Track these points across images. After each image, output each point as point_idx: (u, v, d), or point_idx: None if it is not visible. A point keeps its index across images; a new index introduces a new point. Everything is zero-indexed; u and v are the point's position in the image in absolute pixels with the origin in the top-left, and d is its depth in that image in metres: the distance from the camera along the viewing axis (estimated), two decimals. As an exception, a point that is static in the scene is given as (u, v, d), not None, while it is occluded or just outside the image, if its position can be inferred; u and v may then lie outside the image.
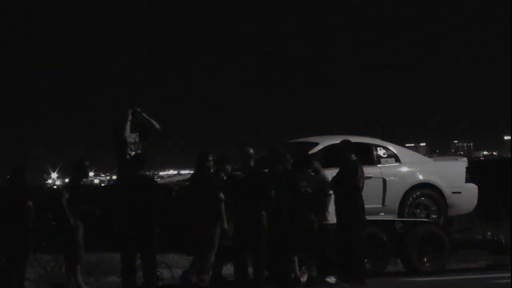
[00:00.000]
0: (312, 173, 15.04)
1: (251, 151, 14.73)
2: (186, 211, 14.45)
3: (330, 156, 16.05)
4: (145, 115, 15.34)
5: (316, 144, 16.99)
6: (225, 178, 14.62)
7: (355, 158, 15.03)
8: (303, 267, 15.03)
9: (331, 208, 14.96)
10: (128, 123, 15.12)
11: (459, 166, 17.86)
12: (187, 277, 14.45)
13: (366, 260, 15.38)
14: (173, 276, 16.06)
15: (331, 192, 14.98)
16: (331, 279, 14.88)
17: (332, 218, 14.95)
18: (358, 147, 16.00)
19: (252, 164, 14.60)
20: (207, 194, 14.28)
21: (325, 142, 17.02)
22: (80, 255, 14.16)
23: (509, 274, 15.48)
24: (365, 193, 15.12)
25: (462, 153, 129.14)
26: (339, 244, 14.91)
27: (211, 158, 14.57)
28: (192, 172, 15.32)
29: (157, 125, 15.41)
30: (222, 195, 14.27)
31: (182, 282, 14.49)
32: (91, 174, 14.71)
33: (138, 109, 15.29)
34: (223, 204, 14.27)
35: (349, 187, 14.74)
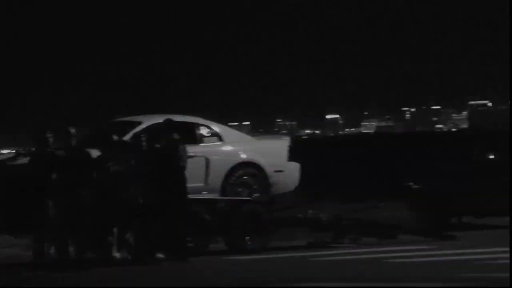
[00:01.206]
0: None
1: (73, 130, 14.63)
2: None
3: (154, 135, 15.93)
4: None
5: (140, 123, 16.78)
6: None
7: (177, 137, 15.02)
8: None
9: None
10: None
11: (282, 145, 18.05)
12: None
13: (189, 238, 15.41)
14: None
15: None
16: (160, 255, 14.94)
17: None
18: (181, 127, 15.96)
19: (74, 143, 14.52)
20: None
21: (148, 121, 16.84)
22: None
23: (329, 252, 15.88)
24: (188, 172, 15.19)
25: (285, 131, 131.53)
26: (162, 222, 14.97)
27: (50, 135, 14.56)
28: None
29: None
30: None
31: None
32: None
33: None
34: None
35: (171, 166, 14.75)
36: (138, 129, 16.49)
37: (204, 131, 17.09)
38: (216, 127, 17.43)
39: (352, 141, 41.51)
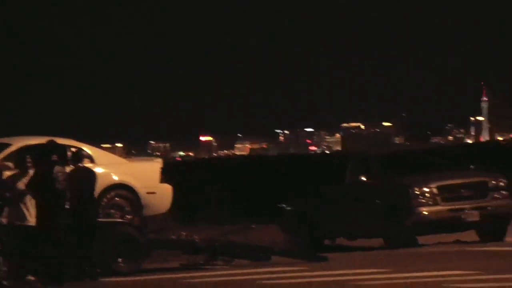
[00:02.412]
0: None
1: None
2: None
3: (25, 157, 15.63)
4: None
5: (9, 145, 16.45)
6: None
7: (56, 159, 14.95)
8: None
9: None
10: None
11: (154, 166, 18.01)
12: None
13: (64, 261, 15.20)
14: None
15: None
16: (30, 278, 14.64)
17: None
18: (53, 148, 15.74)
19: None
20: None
21: (19, 143, 16.52)
22: None
23: (202, 274, 15.89)
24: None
25: (158, 153, 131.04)
26: (39, 246, 14.72)
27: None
28: None
29: None
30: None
31: None
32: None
33: None
34: None
35: (47, 190, 14.56)
36: (7, 151, 16.18)
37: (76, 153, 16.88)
38: (87, 149, 17.23)
39: (225, 163, 41.64)
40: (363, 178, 19.66)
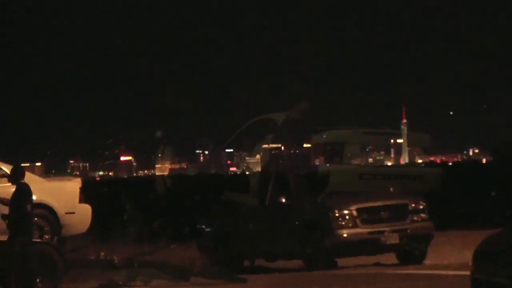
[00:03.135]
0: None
1: None
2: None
3: None
4: None
5: None
6: None
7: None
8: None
9: None
10: None
11: (73, 186, 17.81)
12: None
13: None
14: None
15: None
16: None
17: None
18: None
19: None
20: None
21: None
22: None
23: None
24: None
25: (77, 173, 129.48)
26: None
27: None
28: None
29: None
30: None
31: None
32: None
33: None
34: None
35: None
36: None
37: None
38: (5, 168, 16.94)
39: (144, 182, 41.40)
40: (283, 199, 19.70)
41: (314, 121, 15.18)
